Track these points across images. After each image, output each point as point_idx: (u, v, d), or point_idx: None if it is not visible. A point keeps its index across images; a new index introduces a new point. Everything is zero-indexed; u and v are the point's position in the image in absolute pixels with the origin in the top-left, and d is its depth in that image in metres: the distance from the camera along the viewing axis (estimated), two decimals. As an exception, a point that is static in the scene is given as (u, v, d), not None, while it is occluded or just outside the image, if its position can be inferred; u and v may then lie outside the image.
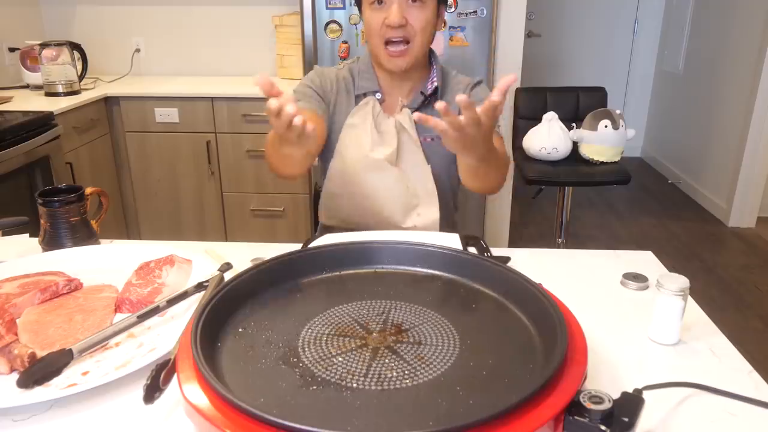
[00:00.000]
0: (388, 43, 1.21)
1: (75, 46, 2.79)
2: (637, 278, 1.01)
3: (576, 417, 0.57)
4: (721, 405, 0.72)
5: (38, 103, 2.55)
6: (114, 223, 2.89)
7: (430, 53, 1.32)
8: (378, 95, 1.30)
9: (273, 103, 0.82)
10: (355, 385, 0.66)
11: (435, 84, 1.30)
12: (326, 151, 1.34)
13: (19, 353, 0.75)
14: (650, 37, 4.74)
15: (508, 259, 1.07)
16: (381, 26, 1.20)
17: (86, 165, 2.65)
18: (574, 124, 2.69)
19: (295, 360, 0.70)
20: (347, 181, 1.28)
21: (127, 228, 3.00)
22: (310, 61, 2.59)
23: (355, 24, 2.54)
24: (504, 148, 1.23)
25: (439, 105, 0.82)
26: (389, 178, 1.26)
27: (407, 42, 1.21)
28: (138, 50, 3.25)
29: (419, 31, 1.20)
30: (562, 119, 2.67)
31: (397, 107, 1.30)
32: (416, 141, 1.28)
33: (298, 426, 0.53)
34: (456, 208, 1.45)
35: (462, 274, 0.89)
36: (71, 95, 2.68)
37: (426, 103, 1.30)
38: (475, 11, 2.53)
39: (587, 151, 2.65)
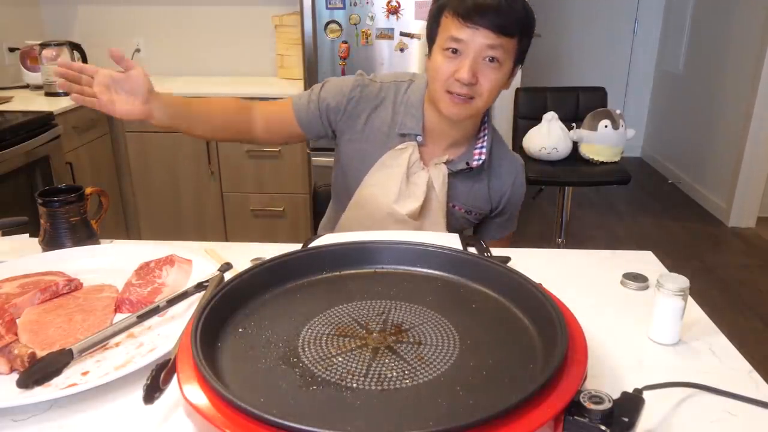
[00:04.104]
0: (450, 92, 1.12)
1: (75, 46, 2.80)
2: (637, 278, 1.01)
3: (576, 417, 0.57)
4: (721, 405, 0.72)
5: (38, 103, 2.55)
6: (114, 223, 2.89)
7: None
8: (419, 138, 1.22)
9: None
10: (355, 385, 0.66)
11: (483, 158, 1.23)
12: (345, 170, 1.29)
13: (19, 353, 0.75)
14: (650, 37, 4.75)
15: (508, 259, 1.07)
16: (449, 77, 1.11)
17: (86, 165, 2.65)
18: (574, 124, 2.69)
19: (295, 360, 0.70)
20: (364, 219, 1.25)
21: (127, 228, 3.00)
22: (310, 61, 2.59)
23: (355, 24, 2.54)
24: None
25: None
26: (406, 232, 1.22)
27: (471, 97, 1.12)
28: (138, 50, 3.25)
29: (486, 92, 1.12)
30: (562, 119, 2.67)
31: (436, 159, 1.23)
32: (442, 204, 1.23)
33: (298, 426, 0.53)
34: None
35: (462, 274, 0.89)
36: (71, 95, 2.68)
37: (466, 171, 1.24)
38: (475, 11, 2.53)
39: (587, 151, 2.65)
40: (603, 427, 0.56)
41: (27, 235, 1.22)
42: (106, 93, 1.03)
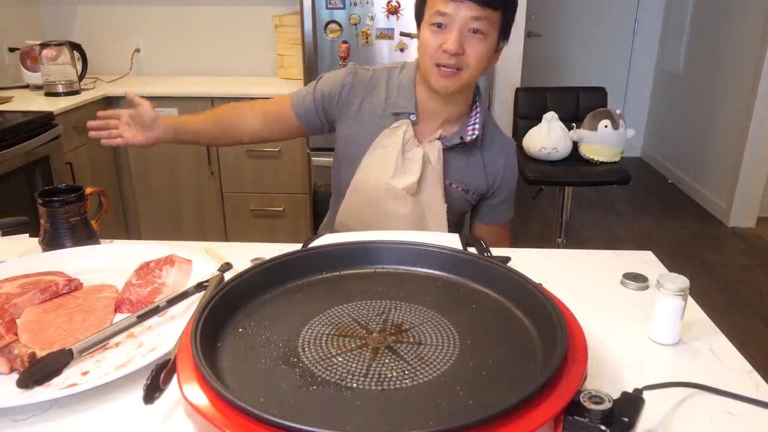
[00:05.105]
0: (439, 65, 1.17)
1: (75, 46, 2.79)
2: (637, 278, 1.01)
3: (576, 417, 0.57)
4: (721, 405, 0.72)
5: (38, 103, 2.55)
6: (114, 223, 2.89)
7: (476, 88, 1.29)
8: (413, 117, 1.26)
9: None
10: (355, 385, 0.66)
11: (476, 133, 1.27)
12: (342, 160, 1.32)
13: (19, 353, 0.75)
14: (650, 37, 4.74)
15: (508, 259, 1.07)
16: (436, 49, 1.16)
17: (86, 165, 2.65)
18: (574, 124, 2.69)
19: (295, 360, 0.70)
20: (362, 202, 1.27)
21: (127, 228, 3.00)
22: (310, 61, 2.59)
23: (355, 24, 2.54)
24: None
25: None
26: (405, 207, 1.25)
27: (459, 69, 1.17)
28: (138, 50, 3.25)
29: (474, 62, 1.17)
30: (562, 119, 2.67)
31: (431, 136, 1.26)
32: (439, 177, 1.26)
33: (298, 426, 0.53)
34: None
35: (462, 274, 0.89)
36: (71, 95, 2.68)
37: (460, 146, 1.27)
38: (475, 11, 2.53)
39: (587, 151, 2.65)
40: (603, 427, 0.56)
41: (27, 235, 1.22)
42: (129, 130, 1.27)
